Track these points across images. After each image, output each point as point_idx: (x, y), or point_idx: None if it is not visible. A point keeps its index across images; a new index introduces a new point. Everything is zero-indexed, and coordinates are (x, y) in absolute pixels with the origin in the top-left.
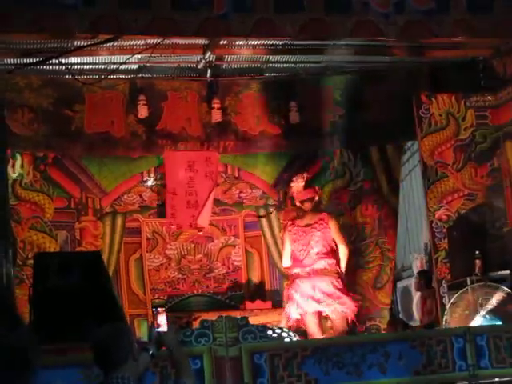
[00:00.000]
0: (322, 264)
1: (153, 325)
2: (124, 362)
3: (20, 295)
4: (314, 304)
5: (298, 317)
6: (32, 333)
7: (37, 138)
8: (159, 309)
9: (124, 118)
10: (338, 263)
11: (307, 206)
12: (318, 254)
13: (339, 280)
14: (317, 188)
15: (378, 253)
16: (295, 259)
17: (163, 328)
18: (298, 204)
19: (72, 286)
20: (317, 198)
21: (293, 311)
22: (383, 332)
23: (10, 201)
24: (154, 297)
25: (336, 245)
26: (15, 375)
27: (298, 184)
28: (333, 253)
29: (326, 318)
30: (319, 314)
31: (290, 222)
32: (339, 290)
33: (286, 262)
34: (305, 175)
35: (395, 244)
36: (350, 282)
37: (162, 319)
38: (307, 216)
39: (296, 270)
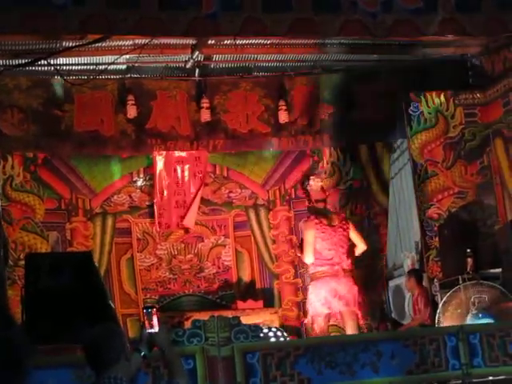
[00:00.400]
0: (347, 264)
1: (144, 325)
2: (116, 362)
3: (12, 296)
4: (337, 303)
5: (327, 311)
6: (25, 333)
7: (27, 137)
8: (150, 309)
9: (113, 118)
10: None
11: (321, 205)
12: (344, 253)
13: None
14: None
15: (368, 252)
16: (321, 257)
17: (155, 328)
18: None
19: (63, 287)
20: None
21: (318, 307)
22: (374, 331)
23: (1, 202)
24: (146, 296)
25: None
26: (9, 376)
27: (316, 184)
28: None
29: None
30: (330, 316)
31: (316, 221)
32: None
33: (310, 258)
34: (323, 175)
35: (385, 243)
36: None
37: (154, 320)
38: (327, 216)
39: (322, 268)
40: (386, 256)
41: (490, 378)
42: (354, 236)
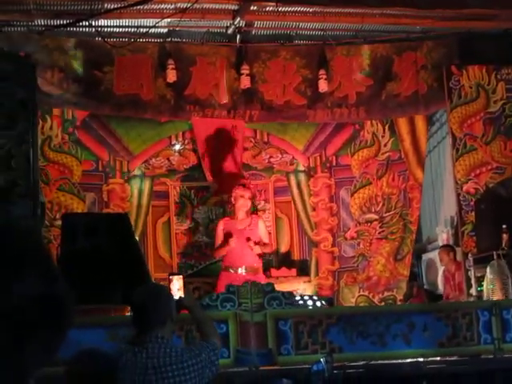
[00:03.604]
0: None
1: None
2: (163, 323)
3: None
4: None
5: None
6: (69, 289)
7: (66, 96)
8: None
9: (153, 82)
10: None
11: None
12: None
13: None
14: None
15: (401, 224)
16: None
17: (176, 295)
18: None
19: (99, 247)
20: None
21: None
22: (399, 303)
23: (39, 162)
24: (181, 261)
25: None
26: (49, 334)
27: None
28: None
29: None
30: None
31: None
32: None
33: None
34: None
35: (418, 217)
36: (372, 253)
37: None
38: None
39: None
40: (417, 230)
41: None
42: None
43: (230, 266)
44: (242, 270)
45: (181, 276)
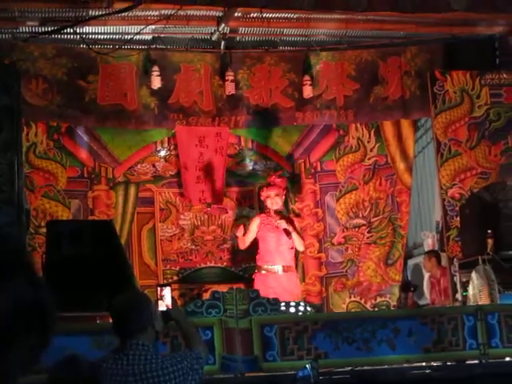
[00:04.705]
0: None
1: (156, 302)
2: (143, 331)
3: None
4: None
5: None
6: (52, 297)
7: (51, 108)
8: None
9: (137, 90)
10: None
11: None
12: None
13: None
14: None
15: (390, 229)
16: None
17: (165, 307)
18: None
19: (84, 254)
20: None
21: None
22: (393, 308)
23: (24, 169)
24: (166, 267)
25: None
26: (34, 340)
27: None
28: None
29: None
30: None
31: None
32: None
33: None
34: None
35: (407, 221)
36: (361, 258)
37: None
38: None
39: None
40: (407, 234)
41: (507, 358)
42: None
43: (265, 265)
44: (278, 268)
45: (169, 287)
